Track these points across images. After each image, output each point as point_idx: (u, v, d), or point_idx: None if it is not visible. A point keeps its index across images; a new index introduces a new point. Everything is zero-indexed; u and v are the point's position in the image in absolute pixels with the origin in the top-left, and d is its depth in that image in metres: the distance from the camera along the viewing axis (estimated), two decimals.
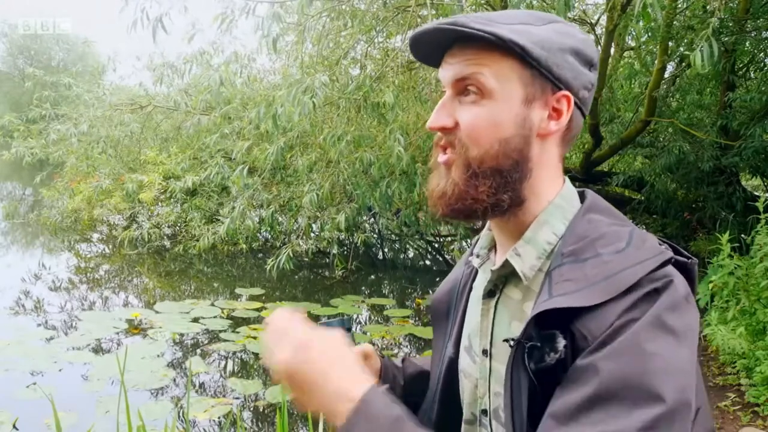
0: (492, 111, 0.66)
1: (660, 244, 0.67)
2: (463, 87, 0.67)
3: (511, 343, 0.63)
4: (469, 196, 0.67)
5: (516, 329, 0.69)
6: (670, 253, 0.63)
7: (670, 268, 0.62)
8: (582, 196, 0.74)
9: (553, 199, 0.70)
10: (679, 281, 0.62)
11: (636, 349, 0.56)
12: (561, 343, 0.60)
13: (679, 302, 0.60)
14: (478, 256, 0.80)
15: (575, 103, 0.69)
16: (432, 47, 0.71)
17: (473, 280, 0.84)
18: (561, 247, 0.67)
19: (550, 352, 0.60)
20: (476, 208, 0.68)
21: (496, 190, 0.67)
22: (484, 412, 0.75)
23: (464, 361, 0.80)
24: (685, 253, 0.67)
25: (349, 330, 0.87)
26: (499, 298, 0.74)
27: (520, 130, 0.67)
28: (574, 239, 0.66)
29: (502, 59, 0.66)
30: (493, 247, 0.79)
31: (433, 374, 0.87)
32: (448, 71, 0.69)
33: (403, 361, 0.98)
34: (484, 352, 0.75)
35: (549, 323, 0.60)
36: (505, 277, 0.73)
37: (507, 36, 0.64)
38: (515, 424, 0.63)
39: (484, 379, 0.75)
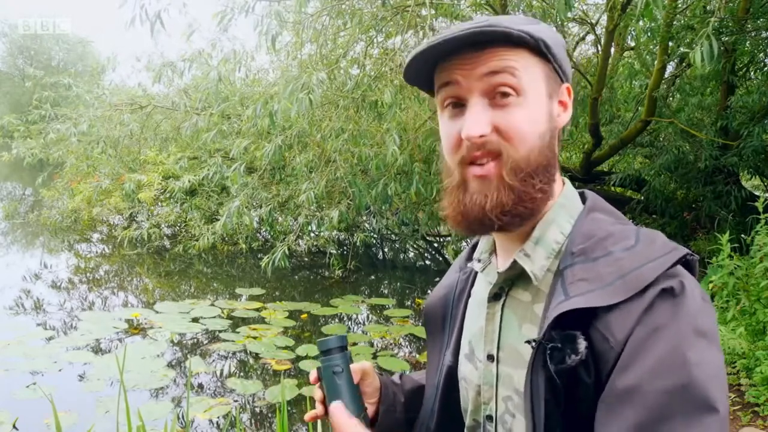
0: (528, 108, 0.66)
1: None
2: (493, 87, 0.65)
3: (533, 344, 0.62)
4: (528, 197, 0.66)
5: (528, 332, 0.69)
6: (684, 250, 0.63)
7: (680, 266, 0.62)
8: (582, 196, 0.74)
9: (557, 198, 0.71)
10: (691, 280, 0.62)
11: (680, 361, 0.56)
12: (582, 344, 0.59)
13: (701, 303, 0.60)
14: (479, 261, 0.78)
15: None
16: (443, 55, 0.67)
17: (471, 285, 0.83)
18: (569, 247, 0.66)
19: (571, 354, 0.59)
20: (533, 208, 0.67)
21: (547, 186, 0.68)
22: (489, 417, 0.74)
23: (465, 369, 0.79)
24: (685, 249, 0.67)
25: (345, 349, 0.86)
26: (505, 301, 0.73)
27: (549, 124, 0.68)
28: (581, 238, 0.66)
29: (528, 57, 0.66)
30: (493, 250, 0.78)
31: (431, 384, 0.86)
32: (472, 70, 0.65)
33: (400, 377, 0.96)
34: (490, 357, 0.73)
35: (567, 324, 0.60)
36: (512, 279, 0.72)
37: (536, 35, 0.65)
38: (536, 426, 0.62)
39: (489, 385, 0.73)
